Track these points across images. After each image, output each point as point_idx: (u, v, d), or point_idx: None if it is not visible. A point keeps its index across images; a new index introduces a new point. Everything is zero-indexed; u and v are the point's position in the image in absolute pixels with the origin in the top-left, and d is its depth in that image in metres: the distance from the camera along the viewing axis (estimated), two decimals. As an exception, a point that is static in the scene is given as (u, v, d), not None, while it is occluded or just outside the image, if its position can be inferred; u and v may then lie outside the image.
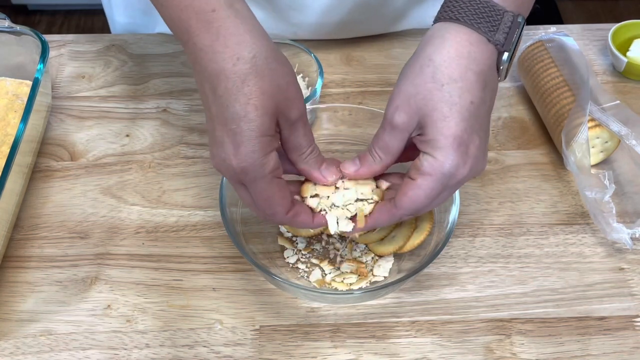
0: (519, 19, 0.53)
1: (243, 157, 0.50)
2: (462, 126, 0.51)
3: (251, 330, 0.61)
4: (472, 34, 0.51)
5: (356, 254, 0.64)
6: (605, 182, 0.67)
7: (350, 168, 0.56)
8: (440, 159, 0.51)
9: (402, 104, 0.53)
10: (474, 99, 0.51)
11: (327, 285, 0.62)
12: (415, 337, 0.60)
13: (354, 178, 0.57)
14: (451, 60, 0.51)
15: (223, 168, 0.52)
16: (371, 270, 0.63)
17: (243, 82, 0.49)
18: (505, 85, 0.80)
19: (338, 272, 0.63)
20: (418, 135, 0.53)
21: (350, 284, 0.62)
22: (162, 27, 0.86)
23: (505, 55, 0.52)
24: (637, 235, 0.64)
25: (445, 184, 0.52)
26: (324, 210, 0.56)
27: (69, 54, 0.83)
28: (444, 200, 0.55)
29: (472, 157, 0.52)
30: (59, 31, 2.13)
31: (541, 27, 0.84)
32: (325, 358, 0.59)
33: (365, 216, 0.56)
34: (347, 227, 0.56)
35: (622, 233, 0.64)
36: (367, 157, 0.56)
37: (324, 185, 0.56)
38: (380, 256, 0.63)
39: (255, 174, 0.51)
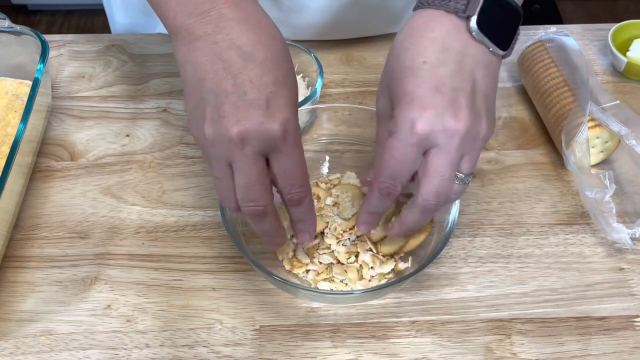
0: None
1: (284, 121, 0.50)
2: (413, 83, 0.52)
3: (251, 330, 0.61)
4: (431, 12, 0.54)
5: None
6: (605, 182, 0.67)
7: (368, 177, 0.59)
8: (395, 116, 0.52)
9: (380, 92, 0.57)
10: (428, 59, 0.52)
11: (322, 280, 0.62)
12: (415, 337, 0.60)
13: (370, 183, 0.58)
14: (406, 36, 0.54)
15: (250, 131, 0.49)
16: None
17: (280, 57, 0.51)
18: (505, 85, 0.80)
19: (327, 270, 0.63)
20: None
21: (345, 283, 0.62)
22: (163, 28, 0.86)
23: (473, 21, 0.53)
24: (637, 236, 0.64)
25: (404, 139, 0.51)
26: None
27: (69, 54, 0.83)
28: (444, 166, 0.52)
29: (427, 109, 0.51)
30: (59, 31, 2.13)
31: (541, 27, 0.84)
32: (325, 358, 0.59)
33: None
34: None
35: (622, 233, 0.64)
36: (376, 162, 0.56)
37: None
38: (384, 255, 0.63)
39: (295, 138, 0.51)
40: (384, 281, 0.62)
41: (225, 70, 0.49)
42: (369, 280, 0.62)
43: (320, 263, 0.62)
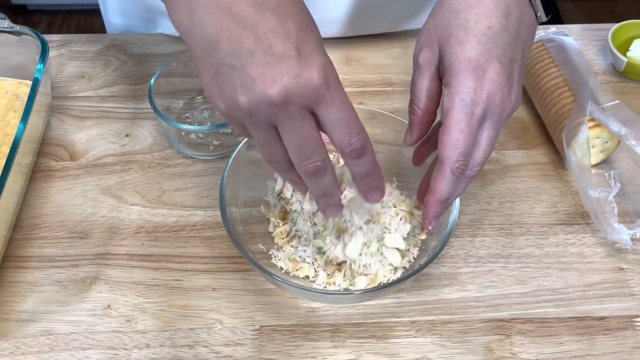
0: None
1: (321, 66, 0.45)
2: (477, 49, 0.51)
3: (251, 330, 0.61)
4: None
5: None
6: (610, 181, 0.67)
7: (407, 139, 0.57)
8: (455, 85, 0.51)
9: (425, 41, 0.54)
10: (492, 24, 0.51)
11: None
12: (415, 337, 0.60)
13: (415, 144, 0.57)
14: None
15: (290, 88, 0.44)
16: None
17: (291, 4, 0.46)
18: (505, 85, 0.80)
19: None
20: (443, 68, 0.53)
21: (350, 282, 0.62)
22: (162, 29, 0.86)
23: None
24: (637, 236, 0.64)
25: (470, 112, 0.51)
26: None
27: (69, 54, 0.83)
28: (492, 137, 0.53)
29: (490, 81, 0.51)
30: (59, 31, 2.13)
31: (541, 27, 0.84)
32: (325, 358, 0.59)
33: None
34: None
35: (622, 234, 0.64)
36: (411, 117, 0.56)
37: None
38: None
39: (338, 84, 0.46)
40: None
41: (239, 26, 0.44)
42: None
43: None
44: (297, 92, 0.44)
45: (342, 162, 0.63)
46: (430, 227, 0.57)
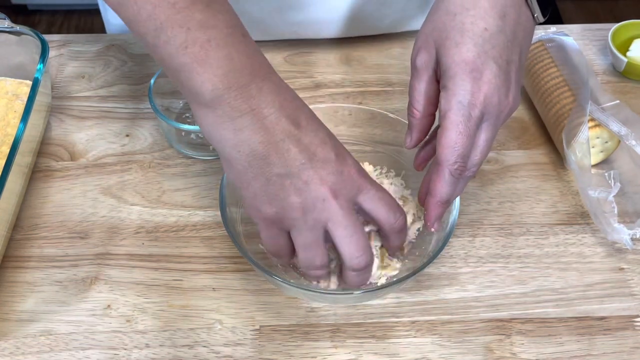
0: None
1: (354, 163, 0.53)
2: (473, 51, 0.51)
3: (251, 330, 0.61)
4: None
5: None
6: (610, 181, 0.67)
7: (407, 142, 0.58)
8: (452, 88, 0.51)
9: (422, 44, 0.55)
10: (488, 26, 0.51)
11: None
12: (415, 337, 0.60)
13: (415, 147, 0.59)
14: None
15: (338, 183, 0.51)
16: None
17: (311, 113, 0.53)
18: (505, 85, 0.80)
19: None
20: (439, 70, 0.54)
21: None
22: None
23: None
24: (637, 236, 0.64)
25: (467, 114, 0.51)
26: None
27: (69, 54, 0.83)
28: (490, 138, 0.54)
29: (487, 83, 0.51)
30: (59, 31, 2.13)
31: (541, 27, 0.84)
32: (325, 358, 0.59)
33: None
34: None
35: (622, 234, 0.64)
36: (410, 120, 0.57)
37: None
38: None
39: (367, 174, 0.53)
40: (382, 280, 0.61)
41: (284, 142, 0.50)
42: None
43: None
44: (343, 186, 0.51)
45: None
46: (433, 229, 0.58)
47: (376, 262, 0.60)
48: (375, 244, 0.61)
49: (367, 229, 0.58)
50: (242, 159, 0.50)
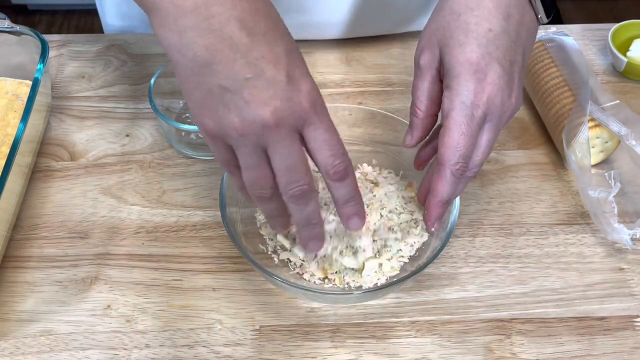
0: None
1: (309, 91, 0.47)
2: (477, 52, 0.51)
3: (251, 330, 0.61)
4: None
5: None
6: (610, 181, 0.67)
7: (407, 140, 0.57)
8: (455, 88, 0.51)
9: (426, 43, 0.54)
10: (492, 26, 0.51)
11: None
12: (415, 337, 0.60)
13: (415, 146, 0.58)
14: None
15: (282, 111, 0.45)
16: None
17: (277, 21, 0.48)
18: (505, 85, 0.80)
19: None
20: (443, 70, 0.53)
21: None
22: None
23: None
24: (637, 236, 0.64)
25: (470, 114, 0.51)
26: None
27: (69, 54, 0.83)
28: (492, 139, 0.53)
29: (491, 84, 0.51)
30: (59, 31, 2.13)
31: (541, 27, 0.83)
32: (325, 358, 0.59)
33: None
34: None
35: (622, 234, 0.64)
36: (412, 119, 0.56)
37: None
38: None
39: (322, 106, 0.48)
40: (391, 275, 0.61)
41: (232, 50, 0.45)
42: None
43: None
44: (288, 114, 0.46)
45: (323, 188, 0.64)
46: (433, 229, 0.58)
47: (375, 262, 0.60)
48: (375, 238, 0.61)
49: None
50: (186, 64, 0.46)
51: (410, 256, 0.62)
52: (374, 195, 0.64)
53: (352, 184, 0.52)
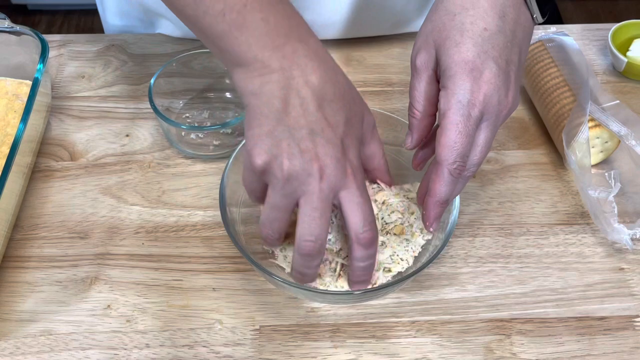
0: None
1: (354, 159, 0.52)
2: (473, 51, 0.51)
3: (251, 330, 0.61)
4: None
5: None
6: (610, 181, 0.67)
7: (407, 143, 0.58)
8: (451, 87, 0.52)
9: (422, 44, 0.55)
10: (488, 26, 0.52)
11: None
12: (415, 337, 0.60)
13: (415, 147, 0.58)
14: None
15: (330, 167, 0.50)
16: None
17: (345, 92, 0.53)
18: (505, 85, 0.80)
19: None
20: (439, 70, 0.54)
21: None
22: (160, 30, 0.86)
23: None
24: (637, 236, 0.64)
25: (467, 113, 0.51)
26: None
27: (69, 54, 0.83)
28: (489, 138, 0.54)
29: (487, 83, 0.51)
30: (59, 31, 2.13)
31: (541, 27, 0.84)
32: (325, 358, 0.59)
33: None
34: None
35: (622, 234, 0.64)
36: (411, 120, 0.57)
37: None
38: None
39: (362, 175, 0.53)
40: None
41: (302, 107, 0.50)
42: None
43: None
44: (333, 173, 0.50)
45: None
46: (432, 229, 0.58)
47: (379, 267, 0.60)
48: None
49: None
50: (259, 104, 0.50)
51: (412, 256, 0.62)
52: (375, 200, 0.64)
53: (373, 253, 0.55)
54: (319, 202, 0.50)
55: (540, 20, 0.56)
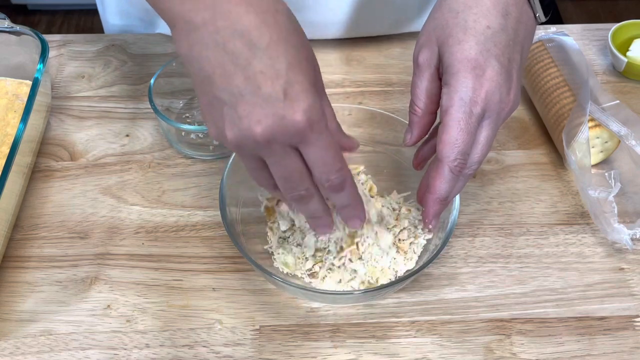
0: None
1: (305, 109, 0.46)
2: (476, 49, 0.51)
3: (251, 330, 0.61)
4: None
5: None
6: (610, 181, 0.67)
7: (407, 139, 0.58)
8: (454, 84, 0.52)
9: (425, 41, 0.55)
10: (491, 24, 0.52)
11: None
12: (415, 337, 0.60)
13: (414, 144, 0.58)
14: None
15: (274, 129, 0.46)
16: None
17: (288, 34, 0.47)
18: (505, 85, 0.80)
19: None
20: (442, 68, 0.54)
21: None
22: (160, 30, 0.86)
23: None
24: (637, 236, 0.64)
25: (469, 111, 0.51)
26: None
27: (69, 54, 0.83)
28: (490, 136, 0.54)
29: (489, 81, 0.51)
30: (59, 31, 2.13)
31: (541, 27, 0.84)
32: (325, 358, 0.59)
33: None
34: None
35: (622, 234, 0.64)
36: (412, 117, 0.57)
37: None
38: None
39: (321, 126, 0.47)
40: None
41: (233, 63, 0.45)
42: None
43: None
44: (280, 133, 0.46)
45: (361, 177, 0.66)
46: (431, 227, 0.58)
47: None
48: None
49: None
50: (194, 74, 0.48)
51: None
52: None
53: (348, 193, 0.52)
54: (280, 162, 0.48)
55: (543, 19, 0.56)
